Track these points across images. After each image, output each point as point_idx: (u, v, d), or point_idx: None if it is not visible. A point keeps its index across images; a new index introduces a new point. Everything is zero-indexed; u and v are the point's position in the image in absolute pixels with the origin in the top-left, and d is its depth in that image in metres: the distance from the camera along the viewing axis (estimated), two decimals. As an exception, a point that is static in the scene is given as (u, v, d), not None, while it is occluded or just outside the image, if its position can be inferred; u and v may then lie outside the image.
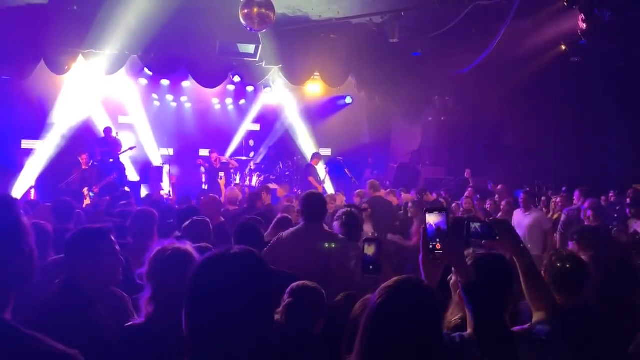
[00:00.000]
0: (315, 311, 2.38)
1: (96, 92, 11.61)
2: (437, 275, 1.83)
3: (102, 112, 12.38)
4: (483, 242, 2.07)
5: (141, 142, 12.94)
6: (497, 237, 1.97)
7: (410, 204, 7.07)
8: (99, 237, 2.39)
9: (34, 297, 2.72)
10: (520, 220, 6.66)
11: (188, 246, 2.25)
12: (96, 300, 2.31)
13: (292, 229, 3.95)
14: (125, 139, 12.15)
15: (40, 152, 11.03)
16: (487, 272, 1.93)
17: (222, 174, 10.14)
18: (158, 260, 2.18)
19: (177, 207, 6.20)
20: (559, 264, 2.61)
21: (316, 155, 11.92)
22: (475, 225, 1.99)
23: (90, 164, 9.95)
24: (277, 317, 2.40)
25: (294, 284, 2.45)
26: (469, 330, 1.83)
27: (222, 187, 8.83)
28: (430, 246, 1.83)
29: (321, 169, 12.00)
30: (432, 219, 1.86)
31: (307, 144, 13.17)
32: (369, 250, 2.16)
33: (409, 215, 6.91)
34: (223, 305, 1.30)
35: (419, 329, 1.51)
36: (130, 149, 11.37)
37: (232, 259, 1.37)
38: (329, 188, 12.19)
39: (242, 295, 1.31)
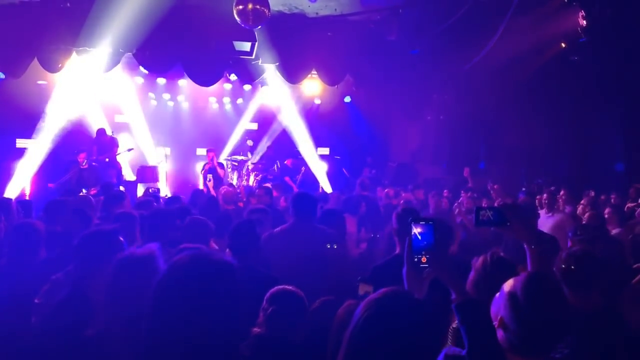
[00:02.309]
0: (297, 318, 2.26)
1: (91, 90, 11.50)
2: (422, 291, 1.72)
3: (97, 111, 12.27)
4: (492, 229, 1.97)
5: (137, 142, 12.83)
6: (508, 224, 1.87)
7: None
8: (109, 239, 2.38)
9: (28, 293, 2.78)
10: (543, 221, 6.22)
11: (147, 251, 2.14)
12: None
13: (282, 226, 3.94)
14: (122, 139, 12.06)
15: (35, 151, 10.92)
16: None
17: (210, 176, 10.08)
18: (111, 269, 2.12)
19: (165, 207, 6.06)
20: (567, 262, 2.51)
21: (290, 157, 11.98)
22: (486, 212, 1.90)
23: (85, 164, 9.86)
24: (256, 329, 2.27)
25: (272, 290, 2.32)
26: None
27: (211, 189, 8.69)
28: (415, 259, 1.73)
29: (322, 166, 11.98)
30: (417, 230, 1.76)
31: (305, 143, 13.05)
32: (368, 290, 2.07)
33: None
34: (187, 312, 1.22)
35: (409, 345, 1.42)
36: (128, 150, 11.29)
37: (202, 267, 1.29)
38: (326, 186, 12.12)
39: (208, 303, 1.23)
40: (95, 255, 2.35)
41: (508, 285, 1.76)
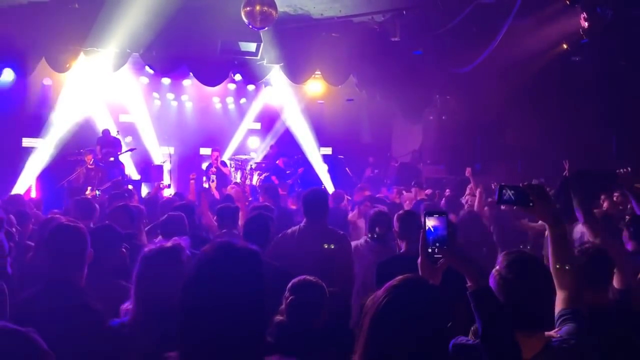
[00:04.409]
0: (318, 306, 2.35)
1: (98, 90, 11.58)
2: (436, 280, 1.80)
3: (103, 110, 12.34)
4: (515, 207, 2.05)
5: (142, 141, 12.91)
6: (531, 204, 1.91)
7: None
8: (72, 232, 2.46)
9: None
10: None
11: (173, 244, 2.21)
12: (85, 293, 2.34)
13: (294, 227, 3.95)
14: (127, 139, 12.16)
15: (41, 151, 11.01)
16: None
17: (213, 177, 10.12)
18: (139, 260, 2.20)
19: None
20: (581, 258, 2.50)
21: (279, 156, 12.09)
22: (509, 191, 1.95)
23: (92, 163, 9.95)
24: (279, 317, 2.36)
25: (294, 280, 2.41)
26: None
27: (214, 190, 8.68)
28: (430, 250, 1.81)
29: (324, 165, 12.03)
30: (431, 222, 1.83)
31: (308, 143, 13.15)
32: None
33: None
34: (216, 301, 1.27)
35: (427, 329, 1.49)
36: (131, 150, 11.37)
37: (231, 255, 1.34)
38: (329, 186, 12.21)
39: (238, 291, 1.29)
40: (64, 248, 2.43)
41: (497, 267, 1.93)
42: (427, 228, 1.84)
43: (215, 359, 1.29)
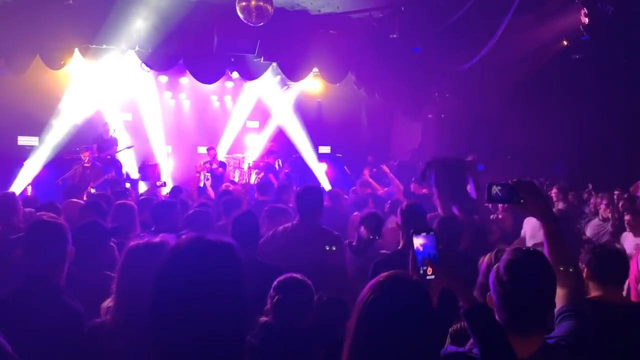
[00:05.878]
0: (305, 306, 2.25)
1: (95, 88, 11.50)
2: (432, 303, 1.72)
3: (101, 108, 12.26)
4: (505, 205, 1.98)
5: (143, 139, 12.84)
6: (522, 201, 1.85)
7: None
8: (52, 229, 2.40)
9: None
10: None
11: (160, 240, 2.12)
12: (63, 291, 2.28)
13: (287, 225, 3.83)
14: (125, 137, 12.09)
15: (38, 149, 10.94)
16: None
17: (208, 174, 10.05)
18: (123, 253, 2.13)
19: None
20: (593, 258, 2.51)
21: (271, 153, 12.03)
22: (497, 189, 1.88)
23: (88, 161, 9.89)
24: (264, 318, 2.27)
25: (280, 278, 2.31)
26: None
27: (209, 188, 8.62)
28: (421, 271, 1.72)
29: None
30: (419, 241, 1.74)
31: (305, 141, 13.07)
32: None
33: None
34: (189, 298, 1.19)
35: (414, 327, 1.43)
36: (128, 147, 11.31)
37: (203, 249, 1.26)
38: (326, 185, 12.15)
39: (212, 287, 1.20)
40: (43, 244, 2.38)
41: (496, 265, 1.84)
42: (415, 247, 1.75)
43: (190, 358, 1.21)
